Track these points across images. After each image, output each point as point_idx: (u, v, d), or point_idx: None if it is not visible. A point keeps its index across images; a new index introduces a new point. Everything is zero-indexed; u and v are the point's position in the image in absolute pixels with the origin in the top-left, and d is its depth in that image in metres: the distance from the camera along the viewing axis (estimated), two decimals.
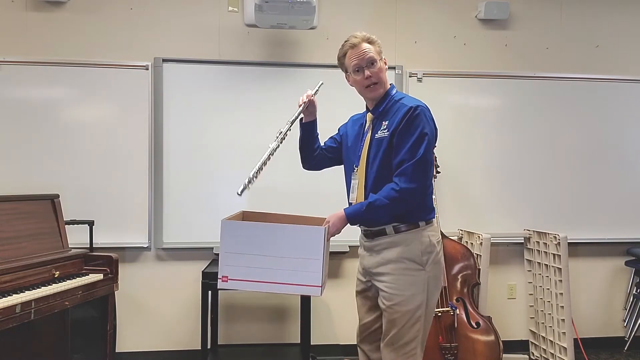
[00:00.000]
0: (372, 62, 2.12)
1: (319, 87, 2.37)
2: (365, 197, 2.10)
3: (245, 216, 2.37)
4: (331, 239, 2.21)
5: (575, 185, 3.82)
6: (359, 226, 2.21)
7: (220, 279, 2.01)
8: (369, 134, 2.16)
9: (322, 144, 2.44)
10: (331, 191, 2.98)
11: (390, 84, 2.20)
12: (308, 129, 2.35)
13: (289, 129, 2.22)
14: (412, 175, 1.98)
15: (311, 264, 1.99)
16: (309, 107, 2.30)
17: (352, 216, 2.05)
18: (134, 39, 3.53)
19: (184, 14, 3.57)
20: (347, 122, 2.42)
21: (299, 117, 2.29)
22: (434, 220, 2.17)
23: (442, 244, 2.18)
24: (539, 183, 3.79)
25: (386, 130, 2.07)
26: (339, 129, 2.45)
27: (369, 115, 2.21)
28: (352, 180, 2.20)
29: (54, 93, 3.44)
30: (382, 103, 2.15)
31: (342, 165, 2.36)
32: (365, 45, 2.14)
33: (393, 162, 2.04)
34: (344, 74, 2.24)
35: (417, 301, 2.04)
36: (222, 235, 2.04)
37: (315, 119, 2.36)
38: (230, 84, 3.56)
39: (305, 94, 2.28)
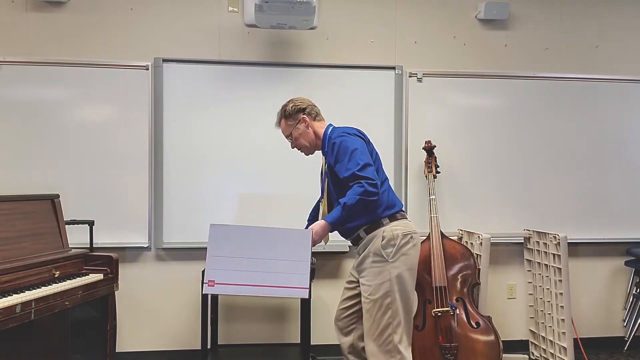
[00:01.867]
0: (288, 138, 2.59)
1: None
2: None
3: None
4: (330, 239, 2.30)
5: (575, 185, 3.82)
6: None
7: (206, 283, 2.03)
8: (324, 169, 2.53)
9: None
10: None
11: (328, 125, 2.56)
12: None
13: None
14: (361, 172, 2.26)
15: (299, 266, 2.04)
16: None
17: (333, 220, 2.28)
18: (134, 39, 3.53)
19: (184, 14, 3.57)
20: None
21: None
22: (400, 215, 2.43)
23: (413, 237, 2.39)
24: (539, 183, 3.79)
25: (327, 163, 2.45)
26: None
27: (323, 157, 2.57)
28: (320, 207, 2.62)
29: (54, 93, 3.44)
30: (324, 145, 2.50)
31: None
32: (281, 125, 2.59)
33: (342, 178, 2.32)
34: None
35: (382, 289, 2.30)
36: (210, 238, 2.07)
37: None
38: (230, 84, 3.56)
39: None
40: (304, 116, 2.54)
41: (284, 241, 2.05)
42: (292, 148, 2.60)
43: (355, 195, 2.22)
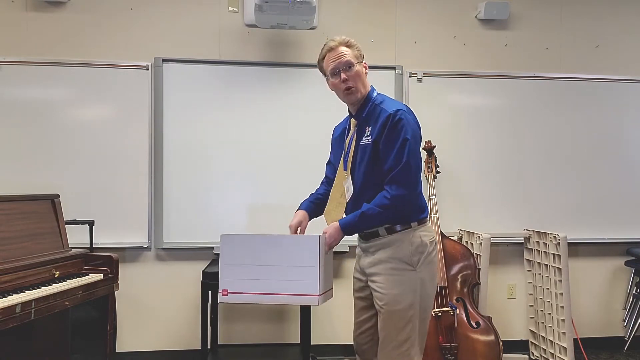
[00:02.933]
0: (349, 66, 2.10)
1: None
2: (353, 203, 2.14)
3: None
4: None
5: (575, 185, 3.82)
6: None
7: (220, 292, 2.05)
8: (354, 140, 2.16)
9: (324, 178, 2.42)
10: None
11: (371, 87, 2.19)
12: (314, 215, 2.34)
13: None
14: (401, 182, 2.01)
15: (308, 272, 2.01)
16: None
17: (346, 226, 2.07)
18: (134, 39, 3.53)
19: (184, 14, 3.57)
20: (333, 134, 2.40)
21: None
22: (428, 219, 2.18)
23: (436, 244, 2.18)
24: (539, 183, 3.79)
25: (370, 137, 2.09)
26: (331, 145, 2.41)
27: (353, 121, 2.20)
28: (344, 184, 2.20)
29: (54, 93, 3.44)
30: (364, 108, 2.14)
31: None
32: (343, 49, 2.12)
33: (383, 169, 2.05)
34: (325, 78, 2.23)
35: (407, 301, 2.05)
36: (222, 248, 2.08)
37: (308, 214, 2.32)
38: (230, 84, 3.55)
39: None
40: (365, 64, 2.17)
41: (293, 248, 2.04)
42: (342, 80, 2.10)
43: (378, 208, 2.02)
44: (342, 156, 2.22)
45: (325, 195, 2.31)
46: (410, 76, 3.70)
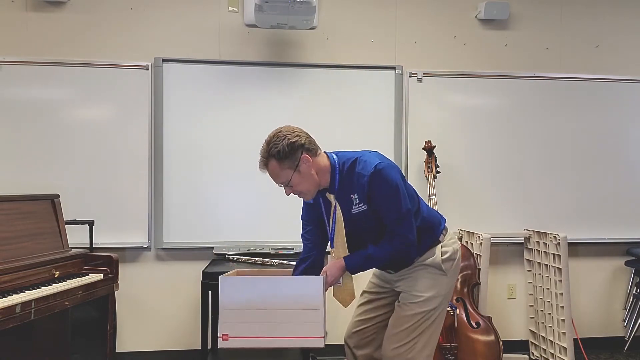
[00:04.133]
0: (285, 184, 2.03)
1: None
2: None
3: (239, 274, 2.36)
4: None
5: (575, 185, 3.82)
6: None
7: (220, 337, 2.01)
8: (338, 213, 2.09)
9: (305, 235, 2.30)
10: None
11: (328, 155, 2.10)
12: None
13: None
14: (402, 228, 2.02)
15: (312, 314, 1.98)
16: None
17: (352, 267, 2.07)
18: (134, 39, 3.53)
19: (184, 14, 3.57)
20: (304, 207, 2.30)
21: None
22: (447, 227, 2.23)
23: (459, 249, 2.24)
24: (539, 183, 3.79)
25: (362, 204, 2.04)
26: (302, 214, 2.31)
27: (329, 195, 2.11)
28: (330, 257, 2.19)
29: (54, 93, 3.44)
30: (334, 180, 2.06)
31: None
32: (271, 168, 2.02)
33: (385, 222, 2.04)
34: None
35: (434, 303, 2.11)
36: (221, 291, 2.03)
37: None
38: (230, 84, 3.55)
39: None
40: (306, 155, 1.99)
41: (295, 290, 2.00)
42: (287, 195, 2.07)
43: (382, 252, 2.04)
44: (329, 231, 2.16)
45: (312, 260, 2.23)
46: (410, 76, 3.70)
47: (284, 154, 1.97)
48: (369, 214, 2.04)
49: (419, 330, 2.10)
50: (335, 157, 2.10)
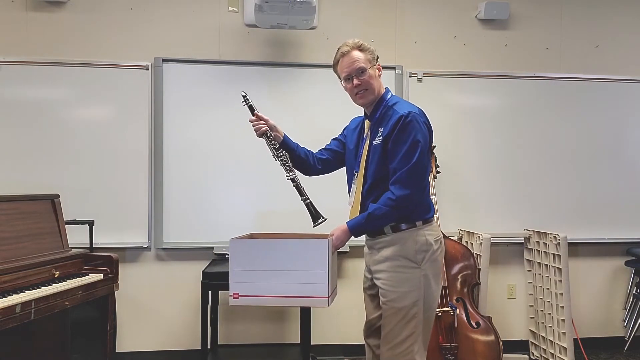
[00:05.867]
0: (361, 72, 2.14)
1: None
2: (361, 203, 2.18)
3: (253, 237, 2.42)
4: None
5: (575, 185, 3.82)
6: None
7: (231, 296, 2.11)
8: (367, 141, 2.20)
9: (323, 147, 2.47)
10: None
11: (386, 88, 2.23)
12: (285, 148, 2.37)
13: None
14: (407, 182, 2.04)
15: (317, 275, 2.07)
16: (268, 132, 2.34)
17: (354, 228, 2.13)
18: (134, 39, 3.53)
19: (184, 14, 3.57)
20: (349, 125, 2.44)
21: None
22: (434, 219, 2.21)
23: (442, 243, 2.22)
24: (539, 183, 3.79)
25: (380, 137, 2.12)
26: (343, 130, 2.47)
27: (367, 122, 2.25)
28: (352, 185, 2.26)
29: (54, 93, 3.44)
30: (378, 110, 2.18)
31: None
32: (355, 54, 2.15)
33: (389, 169, 2.09)
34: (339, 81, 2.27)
35: (411, 298, 2.09)
36: (231, 253, 2.14)
37: (284, 137, 2.39)
38: (230, 84, 3.55)
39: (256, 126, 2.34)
40: (380, 65, 2.20)
41: (301, 252, 2.09)
42: (355, 86, 2.15)
43: (384, 207, 2.05)
44: (355, 158, 2.26)
45: (312, 159, 2.39)
46: (410, 76, 3.70)
47: (368, 51, 2.16)
48: (379, 150, 2.11)
49: (406, 328, 2.09)
50: (390, 94, 2.22)
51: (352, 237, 2.17)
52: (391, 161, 2.07)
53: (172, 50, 3.54)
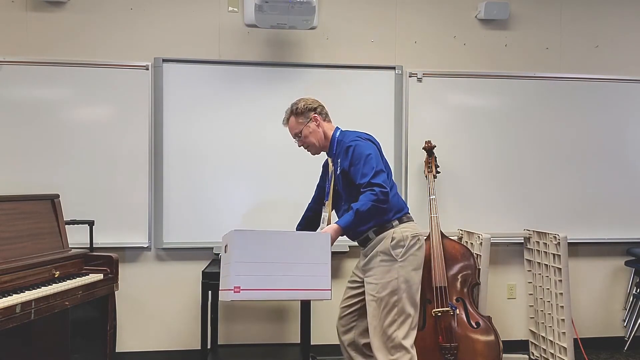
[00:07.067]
0: (298, 137, 2.58)
1: None
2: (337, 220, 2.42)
3: None
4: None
5: (575, 185, 3.82)
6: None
7: (232, 290, 2.02)
8: (333, 174, 2.56)
9: (311, 201, 2.83)
10: None
11: (336, 127, 2.60)
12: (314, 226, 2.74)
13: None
14: (377, 181, 2.31)
15: (320, 268, 2.09)
16: None
17: (345, 225, 2.31)
18: (134, 39, 3.53)
19: (184, 14, 3.57)
20: (324, 163, 2.78)
21: None
22: (409, 215, 2.52)
23: (420, 238, 2.48)
24: (539, 183, 3.79)
25: (340, 168, 2.47)
26: (321, 172, 2.82)
27: (329, 159, 2.64)
28: (322, 212, 2.61)
29: (54, 93, 3.44)
30: (333, 147, 2.56)
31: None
32: (291, 122, 2.58)
33: (358, 188, 2.35)
34: None
35: (390, 287, 2.37)
36: (233, 245, 2.06)
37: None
38: (230, 84, 3.56)
39: None
40: (316, 115, 2.56)
41: (304, 245, 2.09)
42: (299, 147, 2.61)
43: (368, 202, 2.28)
44: (327, 188, 2.62)
45: (313, 211, 2.75)
46: (410, 76, 3.70)
47: (300, 111, 2.56)
48: (342, 177, 2.46)
49: (388, 316, 2.35)
50: (339, 131, 2.60)
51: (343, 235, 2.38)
52: (357, 179, 2.35)
53: (172, 50, 3.54)
